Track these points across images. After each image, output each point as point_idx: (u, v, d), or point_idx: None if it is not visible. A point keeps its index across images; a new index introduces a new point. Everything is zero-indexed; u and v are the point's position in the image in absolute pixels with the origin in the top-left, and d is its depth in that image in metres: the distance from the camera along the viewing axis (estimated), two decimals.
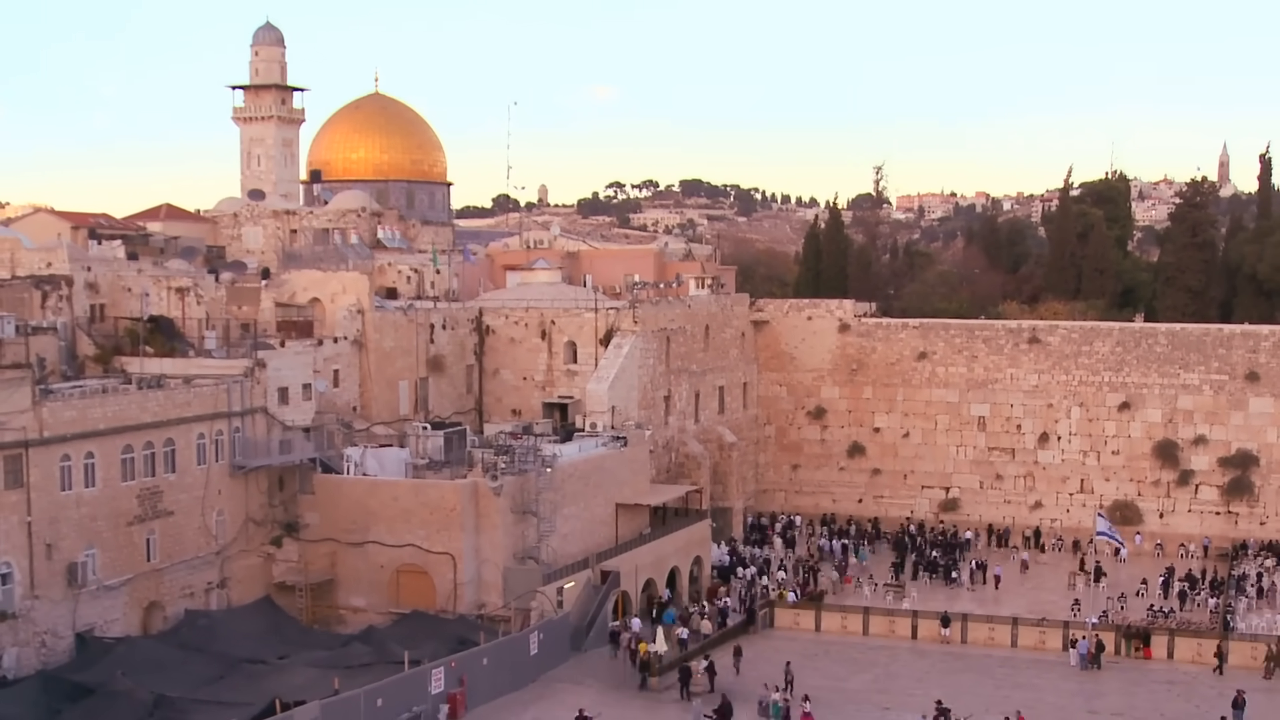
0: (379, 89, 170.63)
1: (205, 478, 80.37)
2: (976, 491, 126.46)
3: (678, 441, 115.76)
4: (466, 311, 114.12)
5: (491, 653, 74.46)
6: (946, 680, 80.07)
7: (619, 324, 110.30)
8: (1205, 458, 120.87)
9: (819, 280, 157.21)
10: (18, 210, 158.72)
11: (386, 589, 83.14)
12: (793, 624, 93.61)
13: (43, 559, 69.62)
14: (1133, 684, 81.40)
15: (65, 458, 70.90)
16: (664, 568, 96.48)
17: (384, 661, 71.26)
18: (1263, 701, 76.26)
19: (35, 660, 68.52)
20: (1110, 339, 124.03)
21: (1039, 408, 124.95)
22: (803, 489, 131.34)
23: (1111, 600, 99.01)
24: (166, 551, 77.72)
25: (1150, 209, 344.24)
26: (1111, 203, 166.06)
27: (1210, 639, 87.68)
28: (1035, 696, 77.32)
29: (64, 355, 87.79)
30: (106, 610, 73.57)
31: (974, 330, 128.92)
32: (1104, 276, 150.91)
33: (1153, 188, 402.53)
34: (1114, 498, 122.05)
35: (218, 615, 79.12)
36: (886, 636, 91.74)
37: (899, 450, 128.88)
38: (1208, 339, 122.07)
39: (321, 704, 62.71)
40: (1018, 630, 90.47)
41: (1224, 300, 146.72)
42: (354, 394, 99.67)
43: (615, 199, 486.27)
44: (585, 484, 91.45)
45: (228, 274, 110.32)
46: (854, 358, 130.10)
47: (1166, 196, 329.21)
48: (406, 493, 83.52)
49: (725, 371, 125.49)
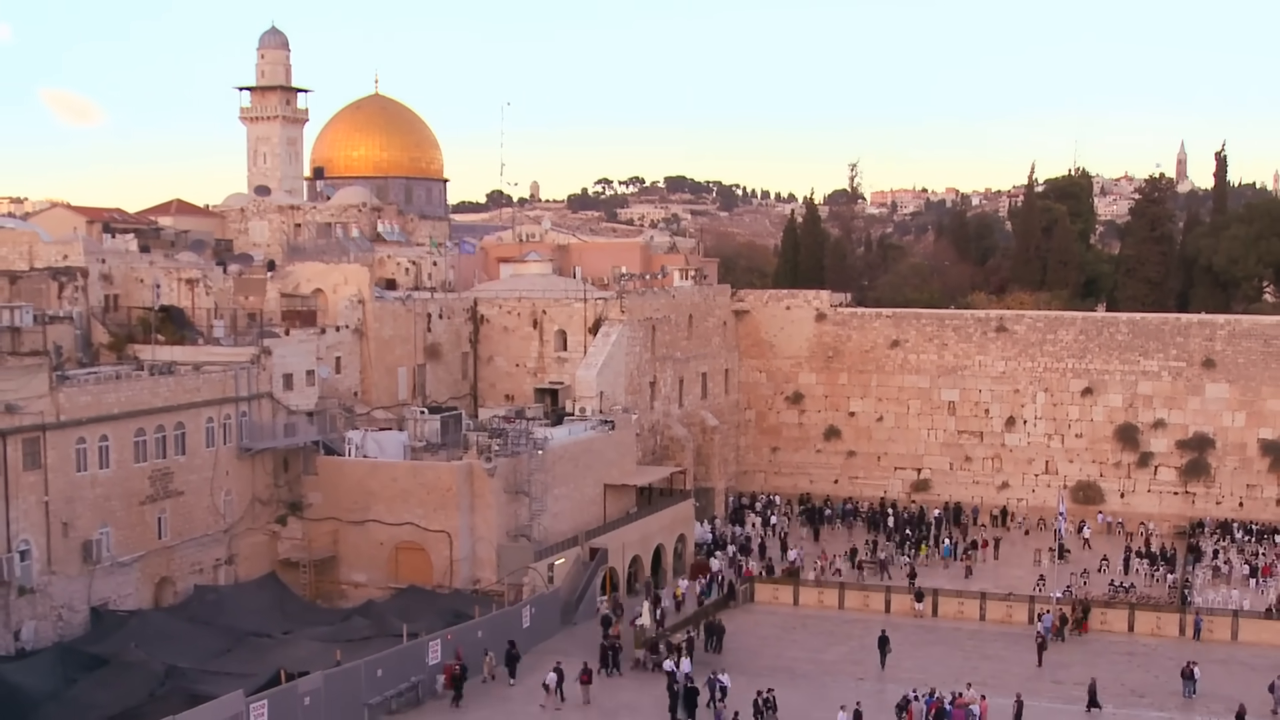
0: (379, 90, 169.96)
1: (214, 459, 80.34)
2: (946, 473, 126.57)
3: (663, 425, 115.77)
4: (462, 301, 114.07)
5: (486, 626, 74.43)
6: (918, 652, 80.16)
7: (607, 313, 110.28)
8: (1164, 440, 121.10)
9: (797, 272, 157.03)
10: (36, 205, 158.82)
11: (386, 565, 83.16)
12: (772, 599, 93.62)
13: (59, 537, 69.56)
14: (1095, 655, 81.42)
15: (81, 440, 70.85)
16: (650, 545, 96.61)
17: (383, 634, 71.24)
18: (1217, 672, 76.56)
19: (52, 633, 68.52)
20: (1074, 328, 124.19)
21: (1006, 393, 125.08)
22: (781, 470, 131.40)
23: (1074, 576, 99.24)
24: (177, 530, 77.70)
25: (1111, 204, 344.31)
26: (1074, 198, 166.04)
27: (1169, 613, 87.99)
28: (1002, 668, 77.52)
29: (79, 343, 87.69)
30: (120, 585, 73.56)
31: (944, 319, 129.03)
32: (1067, 268, 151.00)
33: (1114, 184, 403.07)
34: (1077, 479, 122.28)
35: (225, 590, 79.10)
36: (861, 610, 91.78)
37: (873, 433, 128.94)
38: (1166, 328, 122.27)
39: (324, 675, 62.68)
40: (986, 605, 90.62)
41: (1181, 291, 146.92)
42: (355, 380, 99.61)
43: (603, 195, 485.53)
44: (575, 465, 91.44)
45: (235, 266, 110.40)
46: (830, 345, 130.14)
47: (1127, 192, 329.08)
48: (405, 474, 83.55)
49: (708, 358, 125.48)
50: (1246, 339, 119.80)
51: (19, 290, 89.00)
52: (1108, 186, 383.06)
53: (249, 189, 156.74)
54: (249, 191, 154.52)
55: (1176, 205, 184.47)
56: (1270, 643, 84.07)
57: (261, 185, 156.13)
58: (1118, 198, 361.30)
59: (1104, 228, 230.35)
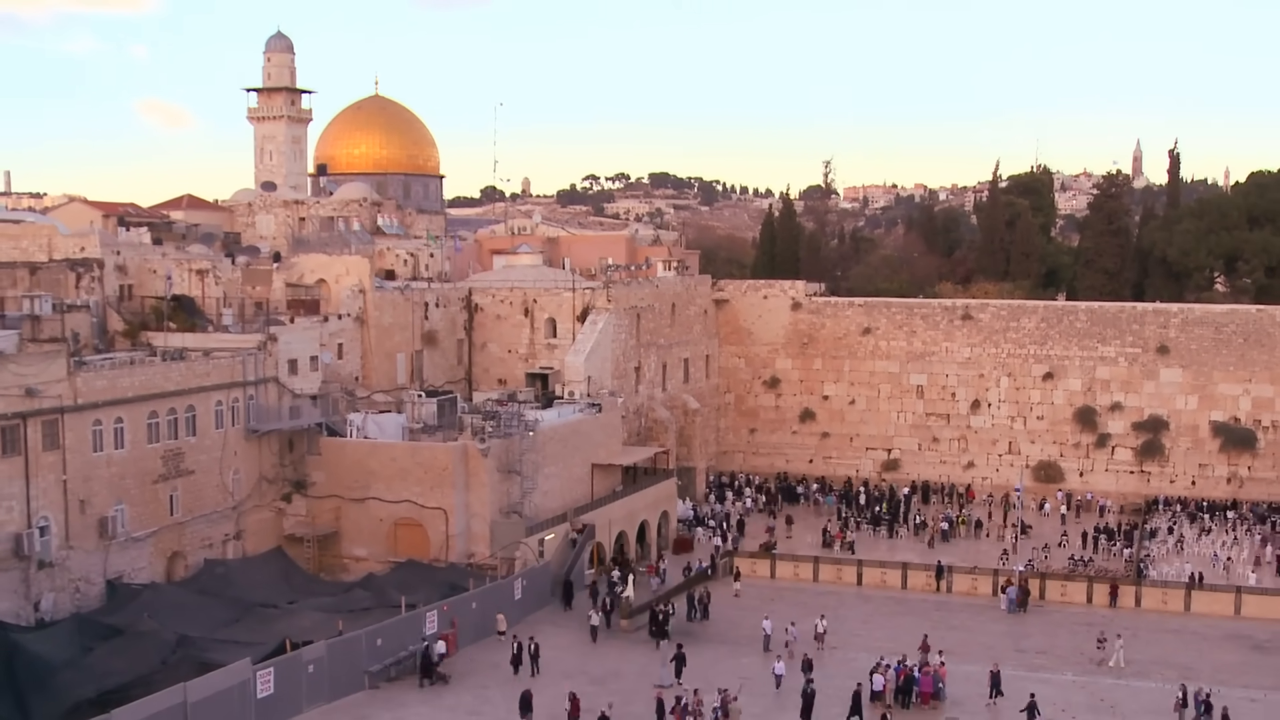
0: (379, 91, 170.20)
1: (222, 440, 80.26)
2: (915, 453, 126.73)
3: (647, 408, 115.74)
4: (457, 291, 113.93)
5: (479, 597, 74.63)
6: (889, 622, 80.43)
7: (594, 302, 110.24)
8: (1120, 422, 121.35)
9: (774, 263, 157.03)
10: (54, 201, 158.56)
11: (385, 540, 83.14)
12: (750, 572, 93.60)
13: (77, 513, 69.53)
14: (1055, 625, 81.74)
15: (97, 422, 70.77)
16: (635, 521, 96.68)
17: (383, 605, 71.37)
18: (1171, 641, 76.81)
19: (70, 604, 68.47)
20: (1035, 316, 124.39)
21: (971, 377, 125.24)
22: (759, 451, 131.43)
23: (1036, 551, 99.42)
24: (188, 506, 77.63)
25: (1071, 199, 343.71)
26: (1036, 193, 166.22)
27: (1126, 585, 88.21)
28: (968, 637, 77.71)
29: (96, 330, 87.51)
30: (134, 559, 73.51)
31: (913, 308, 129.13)
32: (1029, 260, 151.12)
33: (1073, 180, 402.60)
34: (1039, 458, 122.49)
35: (234, 564, 79.08)
36: (834, 583, 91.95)
37: (845, 416, 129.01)
38: (1123, 316, 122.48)
39: (327, 644, 62.88)
40: (952, 577, 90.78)
41: (1137, 281, 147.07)
42: (356, 365, 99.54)
43: (591, 190, 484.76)
44: (564, 446, 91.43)
45: (243, 257, 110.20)
46: (805, 333, 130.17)
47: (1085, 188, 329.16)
48: (403, 454, 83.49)
49: (690, 345, 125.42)
50: (1198, 326, 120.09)
51: (39, 280, 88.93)
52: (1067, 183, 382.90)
53: (256, 185, 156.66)
54: (256, 187, 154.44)
55: (1132, 200, 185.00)
56: (1220, 613, 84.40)
57: (268, 181, 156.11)
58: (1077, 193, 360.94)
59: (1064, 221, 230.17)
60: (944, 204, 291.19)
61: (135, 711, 52.35)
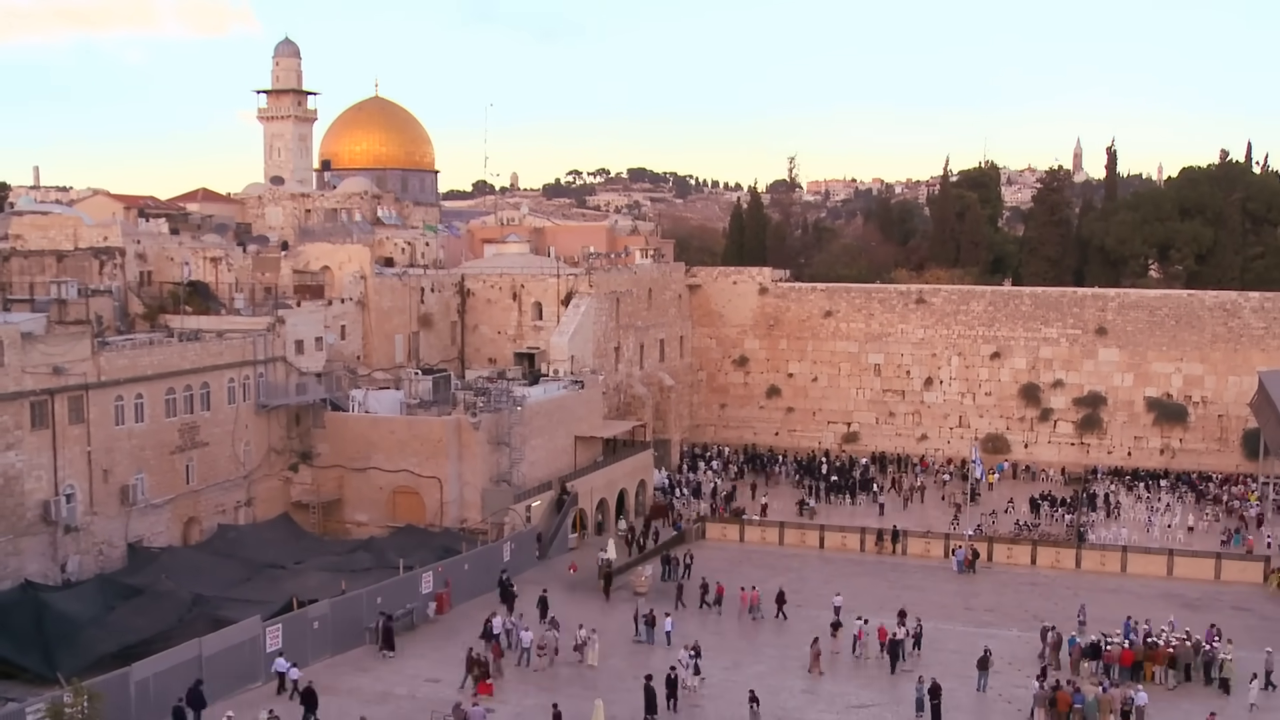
0: (379, 93, 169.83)
1: (234, 415, 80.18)
2: (873, 426, 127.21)
3: (626, 385, 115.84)
4: (451, 277, 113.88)
5: (471, 559, 74.61)
6: (849, 583, 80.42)
7: (577, 287, 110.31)
8: (1062, 398, 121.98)
9: (742, 251, 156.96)
10: (79, 194, 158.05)
11: (385, 507, 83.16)
12: (720, 536, 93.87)
13: (100, 482, 69.46)
14: (1002, 585, 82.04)
15: (119, 398, 70.68)
16: (614, 489, 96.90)
17: (382, 566, 71.30)
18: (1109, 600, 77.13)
19: (94, 566, 68.50)
20: (984, 300, 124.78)
21: (925, 356, 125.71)
22: (729, 424, 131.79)
23: (985, 516, 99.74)
24: (202, 476, 77.55)
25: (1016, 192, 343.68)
26: (984, 187, 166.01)
27: (1067, 548, 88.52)
28: (922, 596, 77.83)
29: (118, 313, 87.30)
30: (153, 524, 73.46)
31: (871, 293, 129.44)
32: (978, 248, 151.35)
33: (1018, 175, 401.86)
34: (987, 431, 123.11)
35: (245, 528, 78.96)
36: (798, 546, 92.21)
37: (809, 392, 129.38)
38: (1064, 300, 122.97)
39: (330, 602, 62.89)
40: (907, 541, 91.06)
41: (1077, 268, 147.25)
42: (358, 345, 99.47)
43: (574, 184, 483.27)
44: (549, 420, 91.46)
45: (253, 246, 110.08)
46: (771, 315, 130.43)
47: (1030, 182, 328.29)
48: (401, 427, 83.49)
49: (665, 327, 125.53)
50: (1134, 310, 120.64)
51: (65, 267, 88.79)
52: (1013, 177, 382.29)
53: (265, 179, 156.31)
54: (265, 181, 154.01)
55: (1073, 193, 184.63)
56: (1154, 574, 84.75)
57: (276, 176, 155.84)
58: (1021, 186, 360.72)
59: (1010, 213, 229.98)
60: (899, 197, 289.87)
61: (154, 664, 52.41)
